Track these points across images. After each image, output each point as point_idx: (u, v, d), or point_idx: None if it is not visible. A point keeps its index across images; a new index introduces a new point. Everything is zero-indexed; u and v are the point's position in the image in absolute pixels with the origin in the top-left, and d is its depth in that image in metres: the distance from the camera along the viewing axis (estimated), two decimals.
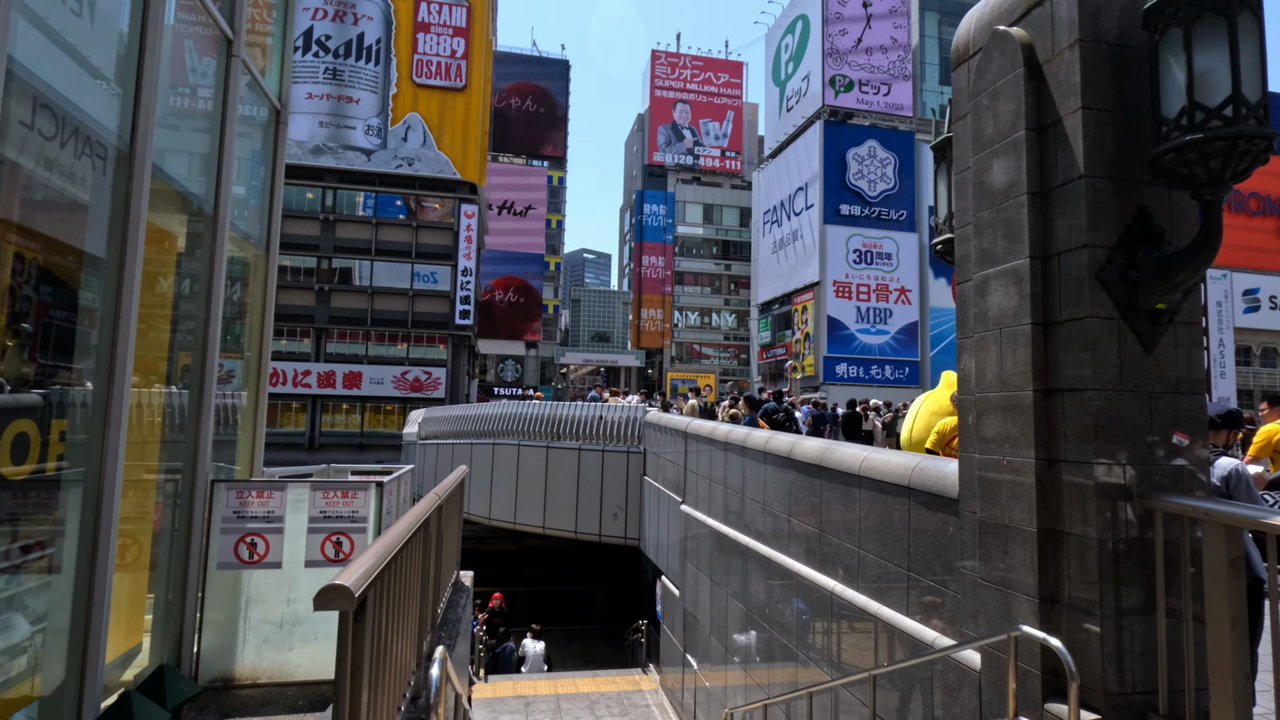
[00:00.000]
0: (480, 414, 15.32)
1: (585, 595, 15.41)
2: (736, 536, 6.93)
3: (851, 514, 4.71)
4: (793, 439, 5.90)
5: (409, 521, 3.04)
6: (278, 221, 5.88)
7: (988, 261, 3.34)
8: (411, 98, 35.37)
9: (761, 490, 6.40)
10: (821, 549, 5.14)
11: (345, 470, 6.51)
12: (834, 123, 39.78)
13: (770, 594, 6.01)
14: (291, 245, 34.39)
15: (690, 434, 9.03)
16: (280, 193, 5.94)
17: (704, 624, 8.01)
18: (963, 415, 3.56)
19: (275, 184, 5.90)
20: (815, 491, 5.29)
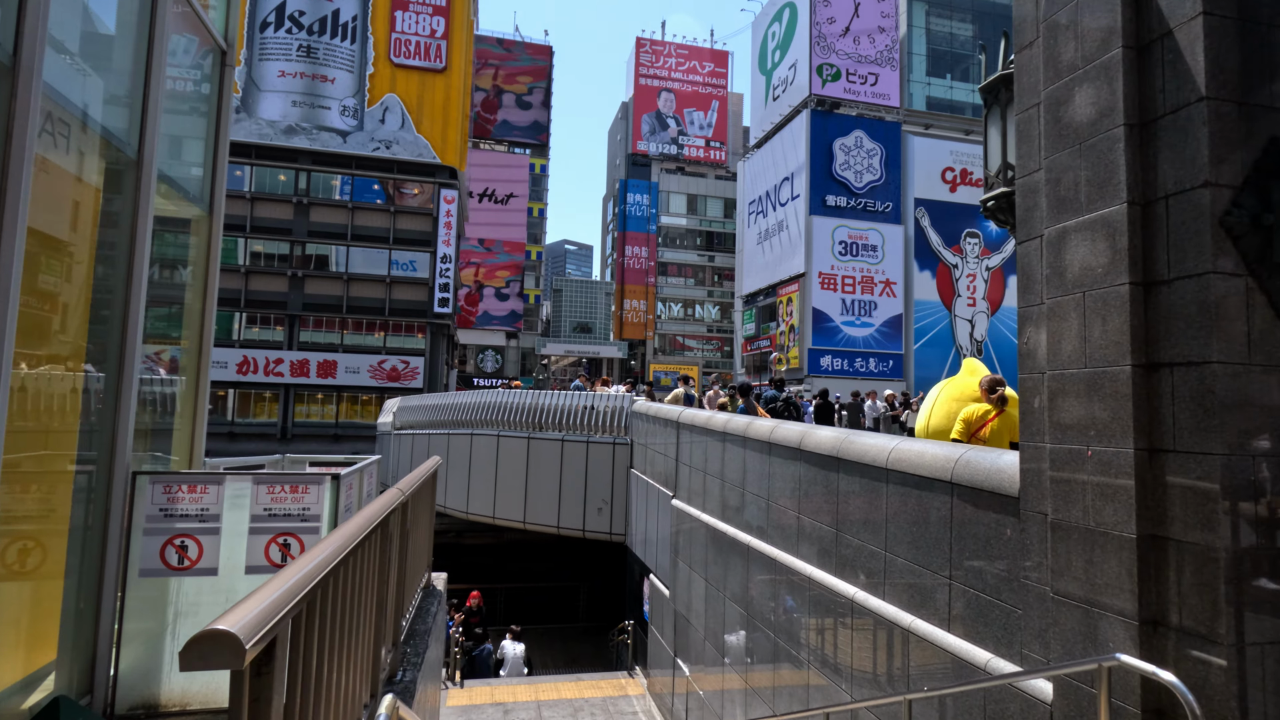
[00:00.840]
0: (458, 403, 14.61)
1: (568, 593, 14.83)
2: (735, 534, 6.37)
3: (876, 512, 4.15)
4: (803, 428, 5.33)
5: (355, 526, 2.41)
6: (223, 179, 5.17)
7: (1066, 211, 2.77)
8: (389, 78, 34.25)
9: (765, 484, 5.83)
10: (839, 551, 4.58)
11: (304, 461, 5.83)
12: (821, 112, 39.34)
13: (776, 598, 5.45)
14: (263, 229, 33.23)
15: (683, 424, 8.45)
16: (225, 146, 5.22)
17: (697, 627, 7.45)
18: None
19: (220, 136, 5.18)
20: (830, 486, 4.72)
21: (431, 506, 5.49)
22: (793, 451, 5.33)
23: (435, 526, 16.67)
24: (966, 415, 5.25)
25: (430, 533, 5.47)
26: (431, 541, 5.58)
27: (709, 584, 7.07)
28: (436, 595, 5.29)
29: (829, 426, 5.46)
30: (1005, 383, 5.33)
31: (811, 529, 4.97)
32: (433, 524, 5.55)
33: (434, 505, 5.53)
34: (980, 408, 5.22)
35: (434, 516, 5.59)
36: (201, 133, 5.11)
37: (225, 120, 5.21)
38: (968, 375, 6.37)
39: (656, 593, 9.13)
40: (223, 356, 32.21)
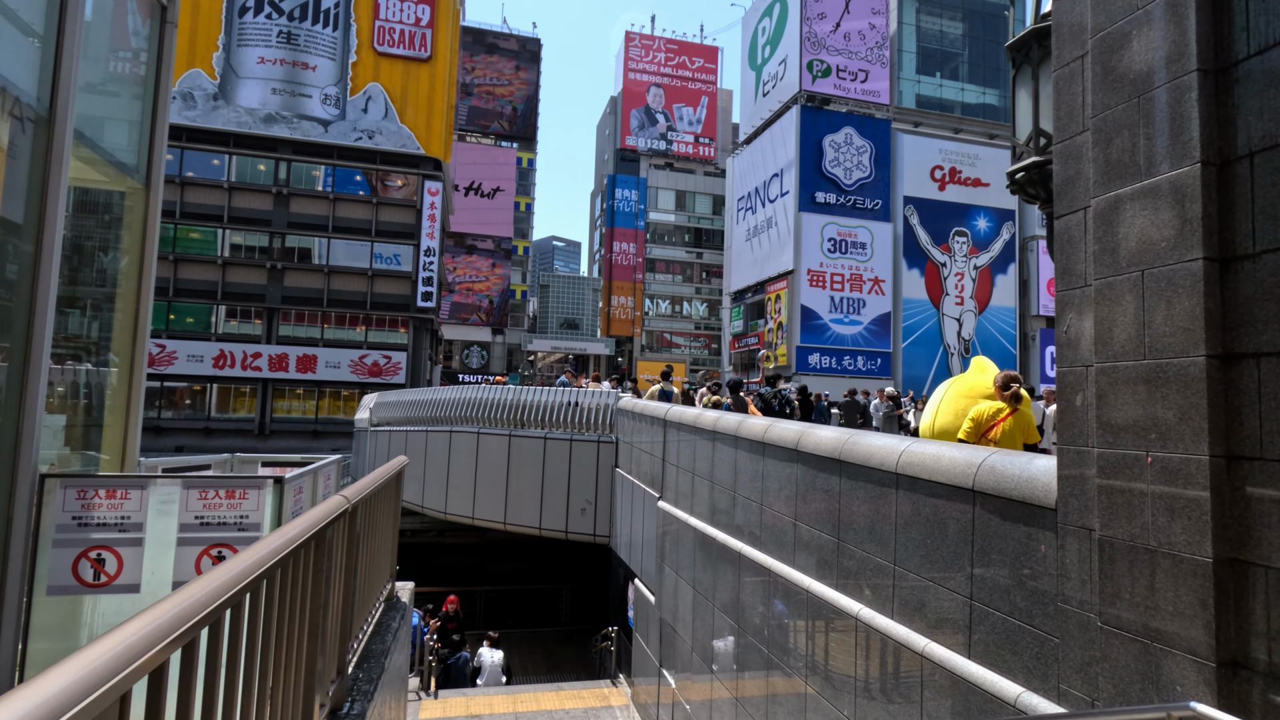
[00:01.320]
0: (437, 399, 14.09)
1: (550, 595, 14.38)
2: (726, 540, 5.96)
3: (884, 521, 3.75)
4: (801, 427, 4.92)
5: (273, 544, 1.96)
6: (162, 149, 4.67)
7: (1120, 177, 2.37)
8: (373, 67, 33.49)
9: (759, 488, 5.43)
10: (840, 563, 4.17)
11: (256, 461, 5.35)
12: (811, 108, 39.06)
13: (770, 611, 5.04)
14: (241, 220, 32.42)
15: (670, 421, 8.03)
16: (165, 114, 4.72)
17: (684, 638, 7.05)
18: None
19: (160, 102, 4.67)
20: (832, 491, 4.32)
21: (395, 510, 5.04)
22: (789, 453, 4.92)
23: (414, 526, 16.19)
24: (976, 414, 4.87)
25: (393, 539, 5.02)
26: (395, 548, 5.13)
27: (697, 592, 6.66)
28: (400, 608, 4.83)
29: (826, 425, 5.06)
30: (1021, 380, 4.97)
31: (810, 537, 4.57)
32: (397, 529, 5.10)
33: (398, 509, 5.07)
34: (990, 406, 4.85)
35: (398, 521, 5.14)
36: (138, 97, 4.60)
37: (165, 85, 4.70)
38: (978, 373, 6.01)
39: (641, 599, 8.71)
40: (199, 350, 31.41)
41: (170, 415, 31.93)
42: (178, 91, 31.10)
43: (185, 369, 31.17)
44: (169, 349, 30.90)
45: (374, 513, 4.10)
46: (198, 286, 31.84)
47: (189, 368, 31.21)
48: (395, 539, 5.08)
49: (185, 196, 31.70)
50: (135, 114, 4.54)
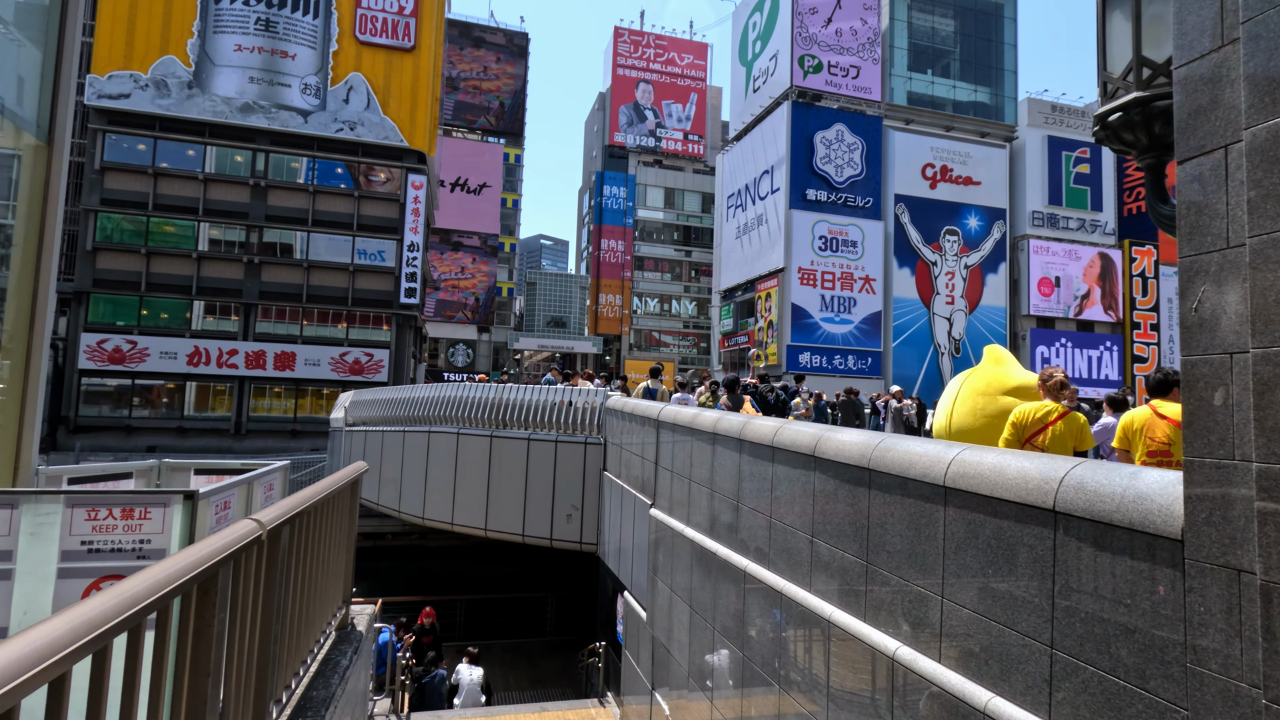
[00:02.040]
0: (415, 397, 13.35)
1: (534, 604, 13.70)
2: (729, 556, 5.32)
3: (928, 543, 3.12)
4: (818, 429, 4.30)
5: (96, 612, 1.30)
6: (67, 104, 3.94)
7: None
8: (355, 56, 32.57)
9: (767, 498, 4.79)
10: (870, 590, 3.54)
11: (188, 468, 4.64)
12: (802, 104, 38.61)
13: (780, 639, 4.41)
14: (217, 212, 31.41)
15: (664, 422, 7.38)
16: (72, 65, 3.98)
17: (679, 660, 6.41)
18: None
19: (64, 52, 3.93)
20: (858, 505, 3.69)
21: (349, 525, 4.36)
22: (804, 459, 4.29)
23: (394, 529, 15.41)
24: (1018, 417, 4.27)
25: (347, 559, 4.35)
26: (350, 568, 4.45)
27: (694, 611, 6.02)
28: (354, 639, 4.15)
29: (847, 428, 4.43)
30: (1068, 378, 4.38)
31: (831, 558, 3.94)
32: (352, 546, 4.43)
33: (353, 523, 4.40)
34: (1036, 407, 4.24)
35: (354, 536, 4.46)
36: (39, 43, 3.88)
37: (73, 37, 3.97)
38: (992, 365, 5.41)
39: (631, 614, 8.07)
40: (173, 347, 30.37)
41: (146, 414, 30.83)
42: (150, 79, 30.05)
43: (158, 366, 30.11)
44: (140, 345, 29.83)
45: (317, 532, 3.43)
46: (172, 281, 30.79)
47: (162, 365, 30.16)
48: (350, 558, 4.41)
49: (159, 188, 30.64)
50: (32, 61, 3.82)
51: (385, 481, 13.54)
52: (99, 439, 29.22)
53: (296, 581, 2.95)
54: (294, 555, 2.88)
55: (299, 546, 2.98)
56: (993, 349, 5.78)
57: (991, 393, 5.05)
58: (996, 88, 43.71)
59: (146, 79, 30.03)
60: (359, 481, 4.43)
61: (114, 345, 29.50)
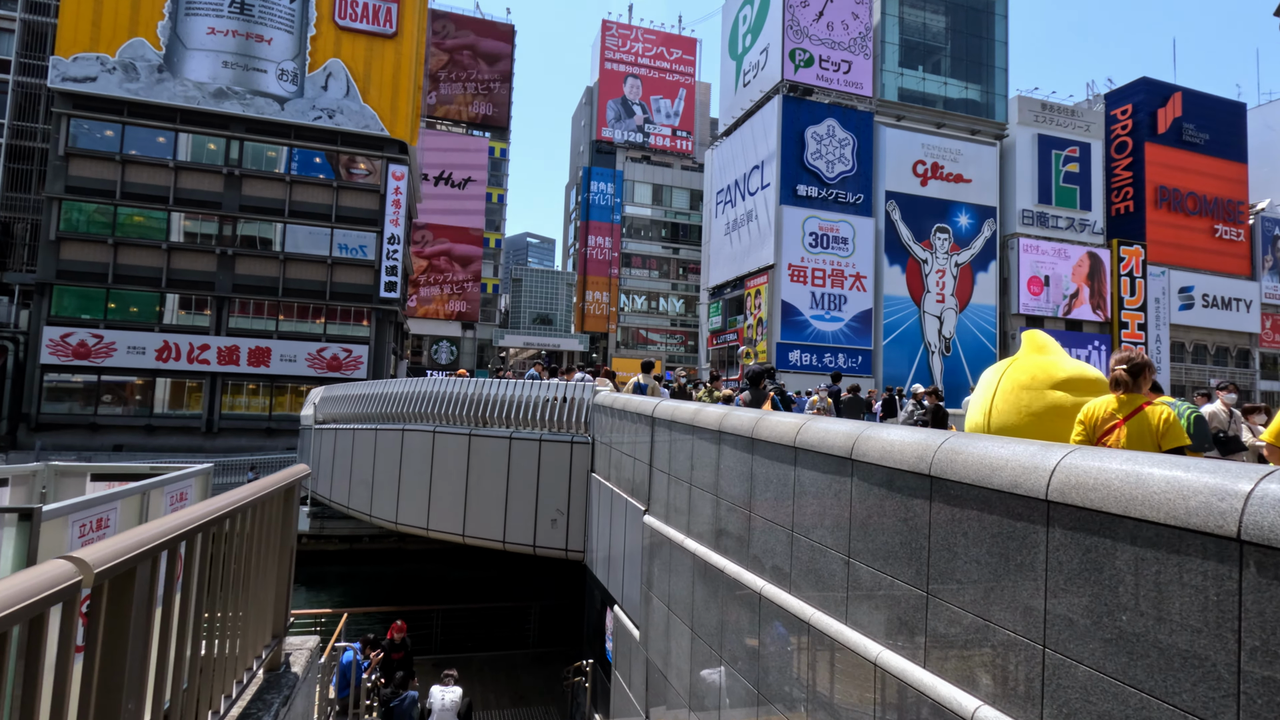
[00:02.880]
0: (388, 393, 12.46)
1: (516, 614, 12.91)
2: (739, 574, 4.57)
3: (1025, 574, 2.39)
4: (854, 426, 3.56)
5: None
6: None
7: None
8: (334, 41, 31.49)
9: (788, 509, 4.05)
10: (934, 627, 2.80)
11: (84, 472, 3.81)
12: (793, 99, 38.04)
13: (808, 683, 3.66)
14: (188, 201, 30.21)
15: (660, 420, 6.62)
16: None
17: (678, 689, 5.65)
18: None
19: None
20: (914, 522, 2.95)
21: (281, 544, 3.56)
22: (837, 462, 3.55)
23: (371, 533, 14.47)
24: (1088, 415, 3.55)
25: (278, 586, 3.54)
26: (285, 595, 3.65)
27: (697, 635, 5.27)
28: (284, 685, 3.35)
29: (888, 425, 3.69)
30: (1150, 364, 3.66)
31: (876, 585, 3.19)
32: (287, 569, 3.62)
33: (288, 538, 3.59)
34: (1108, 401, 3.52)
35: (290, 554, 3.66)
36: None
37: None
38: (1035, 353, 4.69)
39: (622, 630, 7.31)
40: (141, 341, 29.15)
41: (120, 411, 29.53)
42: (118, 61, 28.80)
43: (125, 361, 28.88)
44: (107, 340, 28.58)
45: (228, 556, 2.64)
46: (140, 273, 29.54)
47: (129, 360, 28.92)
48: (285, 582, 3.60)
49: (126, 176, 29.39)
50: None
51: (356, 483, 12.66)
52: (62, 437, 27.95)
53: (181, 626, 2.16)
54: (181, 591, 2.10)
55: (193, 577, 2.19)
56: (1033, 335, 5.04)
57: (1038, 386, 4.34)
58: (987, 85, 43.44)
59: (114, 61, 28.78)
60: (295, 489, 3.63)
61: (79, 339, 28.23)
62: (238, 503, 2.70)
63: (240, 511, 2.73)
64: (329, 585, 20.60)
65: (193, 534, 2.21)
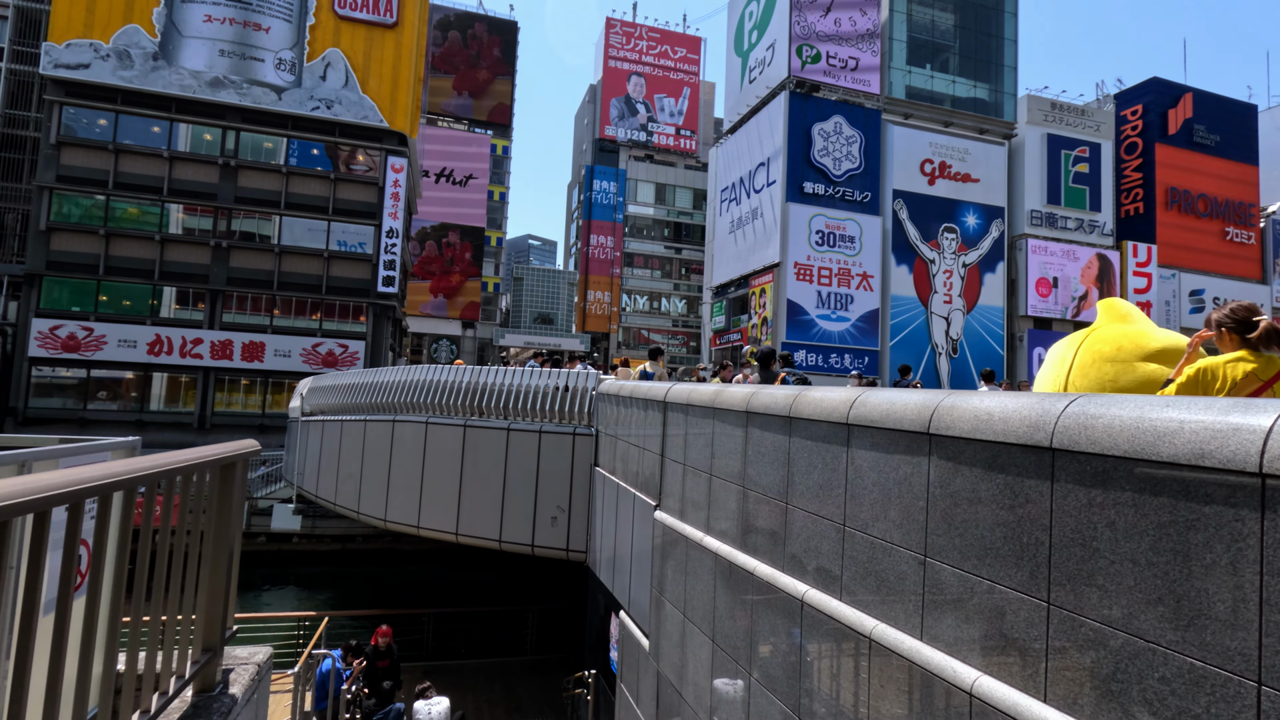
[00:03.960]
0: (378, 381, 11.75)
1: (513, 618, 12.21)
2: (774, 578, 3.88)
3: (1217, 583, 1.70)
4: (934, 395, 2.89)
5: None
6: None
7: None
8: (333, 31, 30.87)
9: (838, 498, 3.36)
10: (1063, 653, 2.12)
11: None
12: (800, 95, 37.44)
13: (875, 715, 2.97)
14: (184, 193, 29.57)
15: (673, 404, 5.94)
16: None
17: (694, 707, 4.95)
18: None
19: None
20: (1027, 510, 2.27)
21: (223, 534, 2.89)
22: (909, 440, 2.86)
23: (364, 532, 13.71)
24: (1210, 374, 2.86)
25: (215, 586, 2.86)
26: (225, 598, 2.96)
27: (718, 647, 4.58)
28: (217, 710, 2.67)
29: (988, 391, 3.01)
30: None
31: (965, 591, 2.51)
32: (229, 565, 2.94)
33: (228, 530, 2.91)
34: (1239, 362, 2.84)
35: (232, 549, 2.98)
36: None
37: None
38: (1117, 322, 4.00)
39: (629, 640, 6.61)
40: (132, 335, 28.46)
41: (110, 406, 28.81)
42: (112, 49, 28.18)
43: (116, 355, 28.19)
44: (97, 332, 27.91)
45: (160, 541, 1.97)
46: (132, 265, 28.87)
47: (120, 353, 28.24)
48: (226, 580, 2.92)
49: (120, 166, 28.74)
50: None
51: (344, 478, 11.96)
52: (49, 432, 27.24)
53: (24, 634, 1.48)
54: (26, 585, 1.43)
55: (41, 566, 1.51)
56: (1113, 303, 4.34)
57: (1126, 358, 3.65)
58: (996, 84, 42.84)
59: (108, 49, 28.15)
60: (238, 468, 2.94)
61: (68, 332, 27.56)
62: (137, 473, 2.03)
63: (143, 484, 2.05)
64: (320, 587, 19.92)
65: (48, 503, 1.53)
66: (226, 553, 2.93)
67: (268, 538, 21.15)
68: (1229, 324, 2.84)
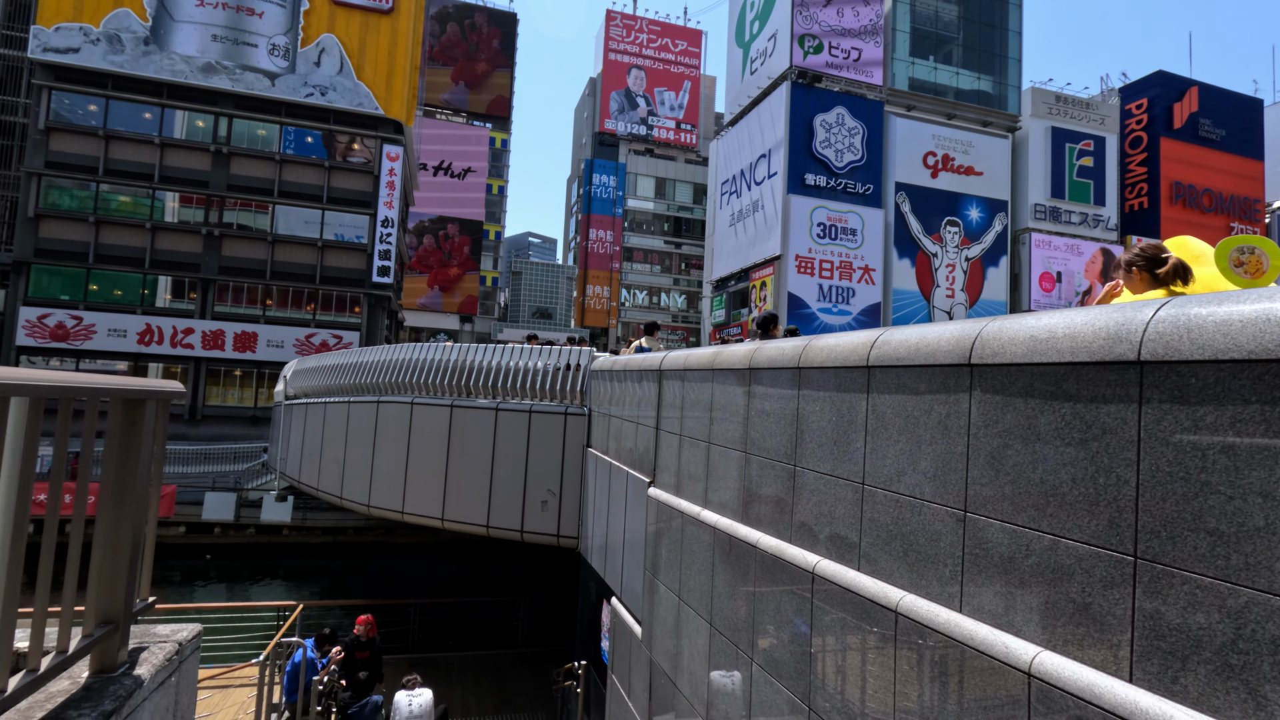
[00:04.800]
0: (363, 362, 11.27)
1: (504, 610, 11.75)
2: (780, 550, 3.42)
3: None
4: (975, 322, 2.42)
5: None
6: None
7: None
8: (328, 16, 30.34)
9: (856, 455, 2.90)
10: (1162, 621, 1.64)
11: None
12: (801, 85, 36.95)
13: (904, 702, 2.51)
14: (175, 180, 29.07)
15: (670, 371, 5.47)
16: None
17: (689, 699, 4.49)
18: None
19: None
20: (1107, 445, 1.80)
21: (120, 488, 2.44)
22: (945, 375, 2.41)
23: (356, 524, 13.20)
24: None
25: (121, 543, 2.41)
26: (139, 560, 2.51)
27: (716, 631, 4.12)
28: (114, 693, 2.21)
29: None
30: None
31: (1023, 549, 2.05)
32: (135, 521, 2.48)
33: (131, 486, 2.45)
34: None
35: (146, 505, 2.52)
36: None
37: None
38: (1191, 264, 3.50)
39: (621, 626, 6.15)
40: (122, 324, 27.97)
41: None
42: (102, 33, 27.66)
43: (105, 344, 27.70)
44: (87, 321, 27.41)
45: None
46: (123, 253, 28.36)
47: (110, 343, 27.74)
48: (126, 544, 2.45)
49: (110, 152, 28.23)
50: None
51: (327, 462, 11.49)
52: None
53: None
54: None
55: None
56: (1185, 242, 3.74)
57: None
58: (1000, 76, 42.36)
59: (98, 33, 27.63)
60: (147, 407, 2.48)
61: (57, 321, 27.06)
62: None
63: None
64: (309, 579, 19.46)
65: None
66: (134, 510, 2.46)
67: (257, 529, 20.68)
68: (1140, 262, 2.77)
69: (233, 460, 25.54)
